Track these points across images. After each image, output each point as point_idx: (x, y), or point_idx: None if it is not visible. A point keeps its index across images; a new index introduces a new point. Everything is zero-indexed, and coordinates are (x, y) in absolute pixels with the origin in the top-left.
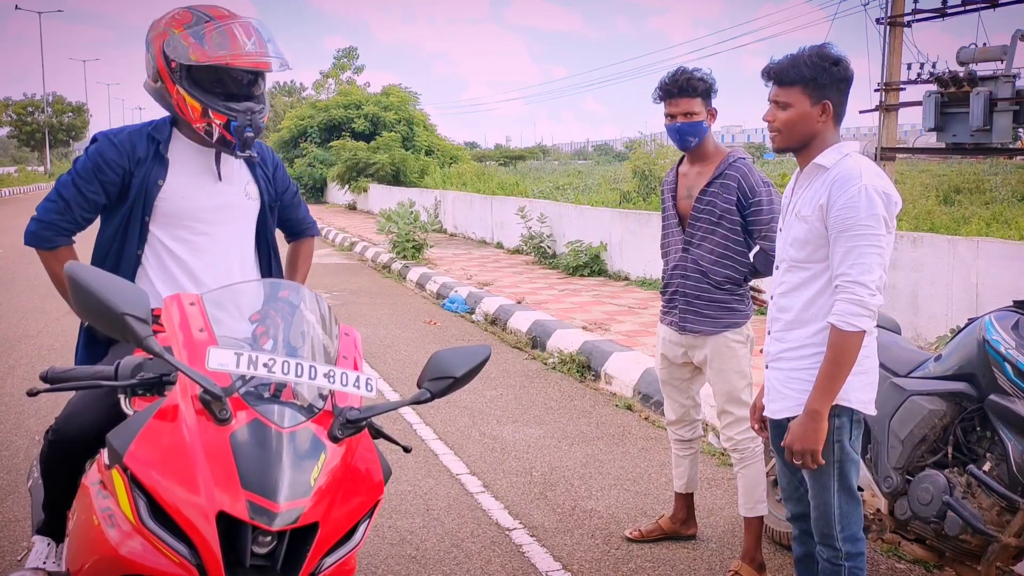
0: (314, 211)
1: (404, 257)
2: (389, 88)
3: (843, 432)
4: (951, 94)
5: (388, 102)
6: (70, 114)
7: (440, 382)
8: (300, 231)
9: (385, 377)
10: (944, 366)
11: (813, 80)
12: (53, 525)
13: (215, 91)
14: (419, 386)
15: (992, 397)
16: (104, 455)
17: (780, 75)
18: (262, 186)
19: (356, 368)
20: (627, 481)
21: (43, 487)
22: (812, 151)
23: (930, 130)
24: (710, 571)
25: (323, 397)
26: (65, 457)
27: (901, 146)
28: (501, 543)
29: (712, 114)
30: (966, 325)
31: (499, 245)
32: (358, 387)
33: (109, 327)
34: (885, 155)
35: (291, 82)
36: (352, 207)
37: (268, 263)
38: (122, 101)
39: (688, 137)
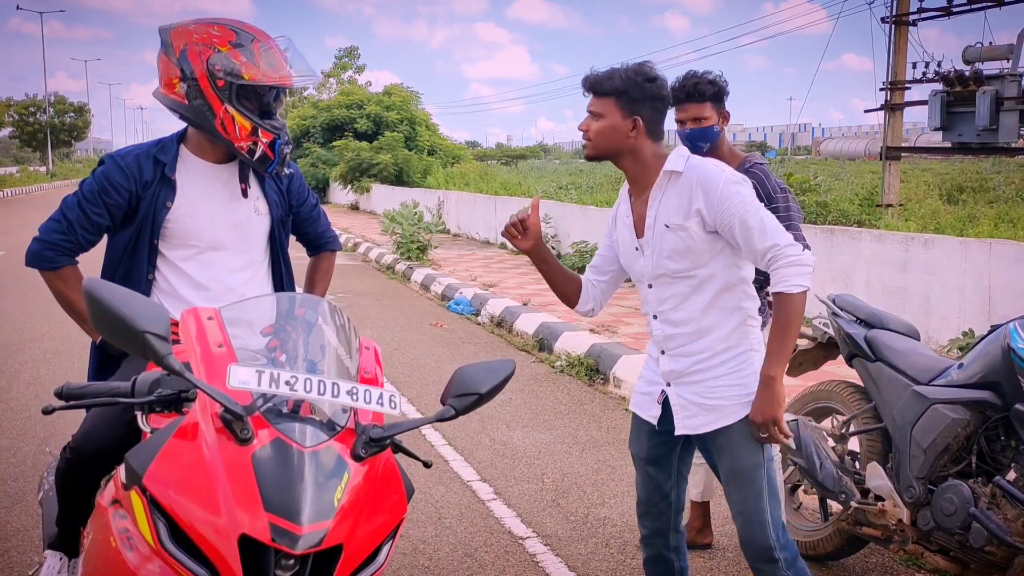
0: None
1: (408, 258)
2: (391, 87)
3: None
4: (957, 93)
5: (390, 102)
6: (72, 114)
7: (465, 399)
8: (319, 245)
9: (393, 381)
10: (967, 374)
11: (625, 93)
12: (66, 540)
13: (251, 108)
14: (443, 403)
15: (1017, 406)
16: (121, 474)
17: (595, 85)
18: (272, 199)
19: (378, 383)
20: None
21: (57, 502)
22: (627, 164)
23: (935, 129)
24: None
25: (344, 413)
26: (82, 474)
27: (906, 145)
28: (515, 552)
29: (724, 117)
30: (989, 332)
31: (503, 246)
32: (381, 404)
33: (128, 344)
34: (890, 154)
35: None
36: (355, 207)
37: (281, 278)
38: (123, 101)
39: (699, 143)
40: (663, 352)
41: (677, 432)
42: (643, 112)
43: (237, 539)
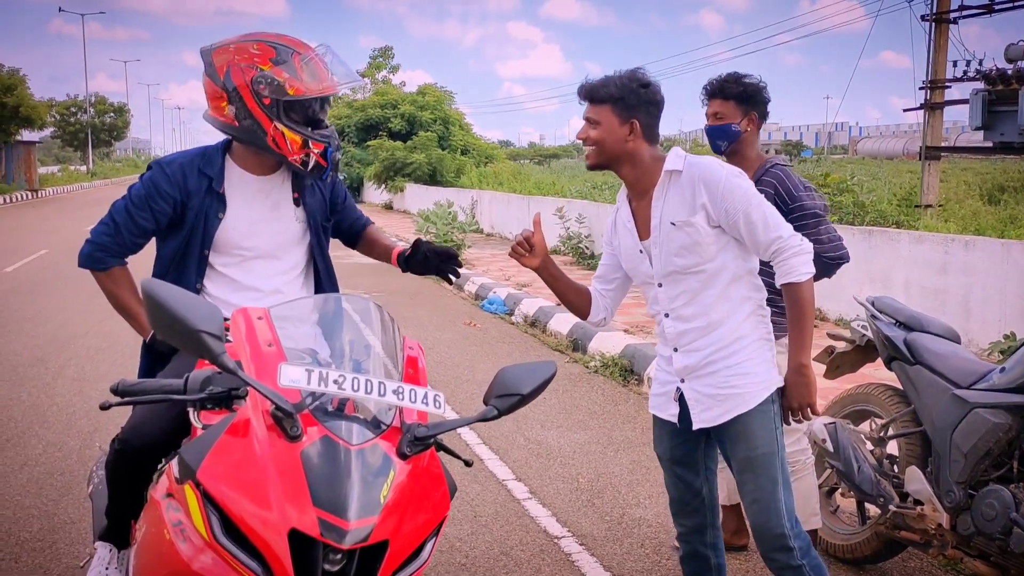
0: None
1: None
2: (425, 87)
3: (779, 416)
4: (999, 92)
5: (424, 101)
6: (112, 114)
7: (507, 399)
8: (359, 228)
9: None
10: (1009, 378)
11: (621, 99)
12: (116, 532)
13: (298, 120)
14: (485, 403)
15: None
16: (174, 468)
17: (591, 93)
18: (313, 206)
19: (421, 383)
20: None
21: (107, 495)
22: (626, 169)
23: (976, 128)
24: None
25: (389, 411)
26: (132, 467)
27: (946, 145)
28: (550, 552)
29: (751, 119)
30: None
31: None
32: (427, 404)
33: (183, 343)
34: (930, 154)
35: None
36: (389, 207)
37: (322, 281)
38: (162, 101)
39: (716, 140)
40: (676, 349)
41: (694, 427)
42: (639, 117)
43: (287, 533)
